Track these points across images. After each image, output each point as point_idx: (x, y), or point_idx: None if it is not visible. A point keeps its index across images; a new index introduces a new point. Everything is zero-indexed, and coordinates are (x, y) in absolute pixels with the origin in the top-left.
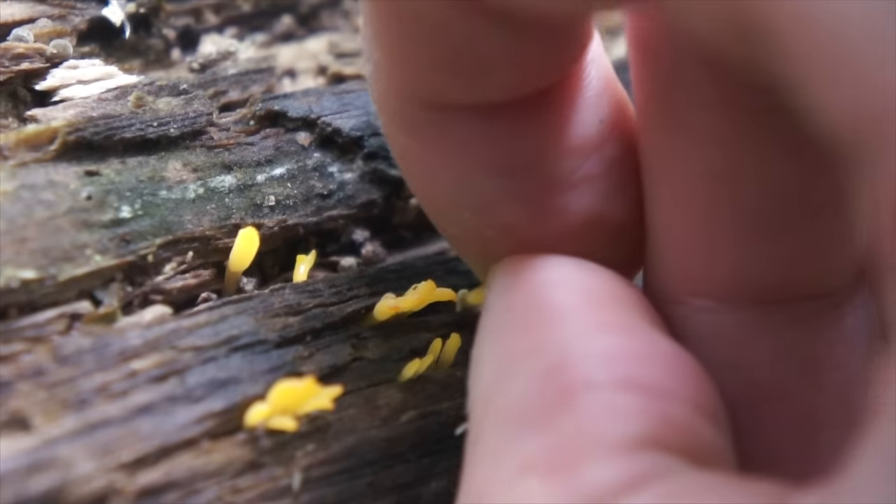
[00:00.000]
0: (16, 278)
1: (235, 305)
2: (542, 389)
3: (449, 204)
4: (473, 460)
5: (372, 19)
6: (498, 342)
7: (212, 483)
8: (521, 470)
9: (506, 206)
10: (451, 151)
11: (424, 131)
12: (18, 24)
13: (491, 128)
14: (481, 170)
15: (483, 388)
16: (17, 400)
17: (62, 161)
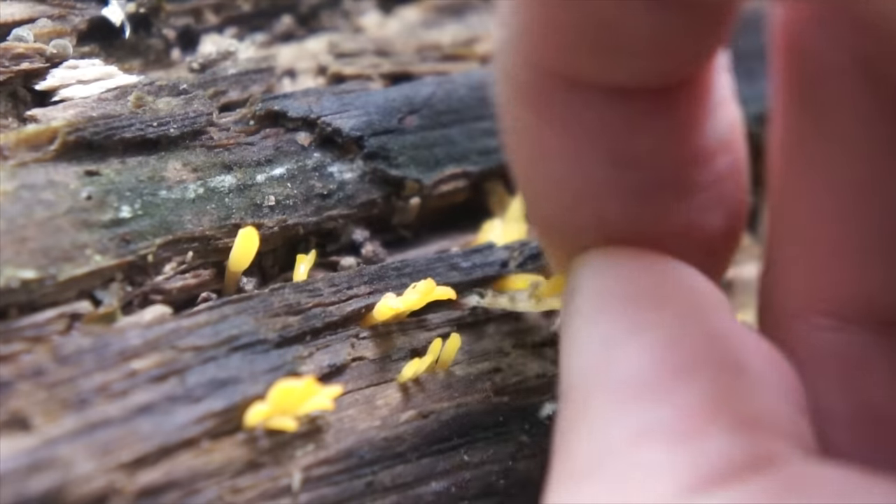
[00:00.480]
0: (16, 278)
1: (235, 305)
2: (658, 362)
3: (553, 185)
4: (579, 432)
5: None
6: (600, 321)
7: (212, 483)
8: (639, 436)
9: (612, 198)
10: (571, 132)
11: (550, 107)
12: (18, 24)
13: (617, 115)
14: (598, 156)
15: (586, 363)
16: (17, 400)
17: (62, 161)
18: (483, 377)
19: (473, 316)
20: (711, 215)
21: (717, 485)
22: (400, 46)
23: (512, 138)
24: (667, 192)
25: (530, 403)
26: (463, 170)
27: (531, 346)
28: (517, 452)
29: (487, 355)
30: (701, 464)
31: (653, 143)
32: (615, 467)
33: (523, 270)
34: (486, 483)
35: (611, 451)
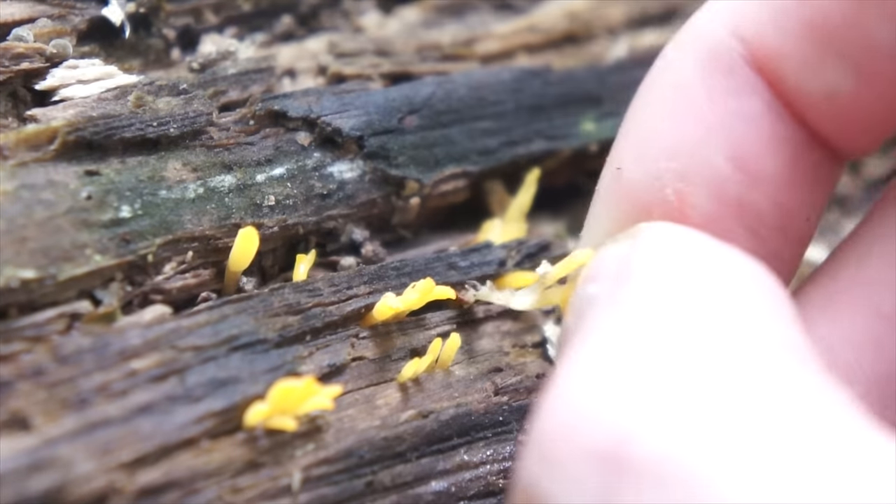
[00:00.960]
0: (16, 278)
1: (235, 305)
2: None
3: (672, 148)
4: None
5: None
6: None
7: (211, 482)
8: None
9: (710, 191)
10: (722, 112)
11: (727, 79)
12: (18, 24)
13: (782, 136)
14: (730, 152)
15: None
16: (17, 400)
17: (62, 161)
18: (483, 377)
19: (473, 315)
20: (783, 247)
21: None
22: (400, 46)
23: (658, 88)
24: (757, 218)
25: (530, 402)
26: (463, 170)
27: (531, 346)
28: (517, 452)
29: (487, 355)
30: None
31: (784, 182)
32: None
33: (521, 269)
34: (486, 483)
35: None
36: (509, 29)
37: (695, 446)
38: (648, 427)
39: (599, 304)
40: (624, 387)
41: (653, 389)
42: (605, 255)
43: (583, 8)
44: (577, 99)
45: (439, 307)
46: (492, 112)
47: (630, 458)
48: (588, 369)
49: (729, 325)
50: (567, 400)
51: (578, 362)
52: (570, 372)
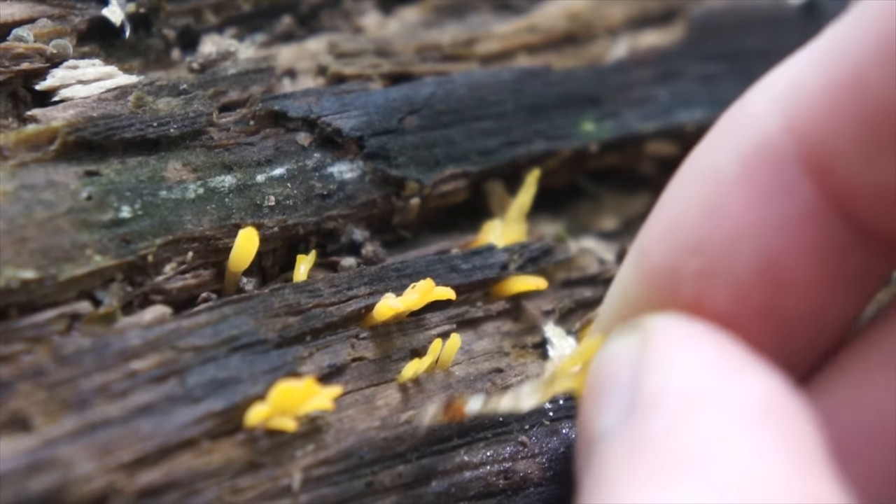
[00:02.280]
0: (16, 278)
1: (235, 305)
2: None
3: (697, 243)
4: (677, 434)
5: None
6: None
7: (212, 483)
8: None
9: (748, 293)
10: (787, 217)
11: (771, 177)
12: (18, 24)
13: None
14: (783, 253)
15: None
16: (17, 400)
17: (62, 161)
18: (483, 377)
19: (473, 316)
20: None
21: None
22: (400, 46)
23: (696, 173)
24: (784, 322)
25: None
26: (463, 170)
27: (531, 347)
28: (517, 452)
29: (487, 355)
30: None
31: (819, 295)
32: (733, 462)
33: (523, 273)
34: (485, 483)
35: (729, 450)
36: (509, 29)
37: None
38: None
39: (606, 449)
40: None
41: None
42: (612, 357)
43: (583, 8)
44: (577, 99)
45: (440, 308)
46: (492, 112)
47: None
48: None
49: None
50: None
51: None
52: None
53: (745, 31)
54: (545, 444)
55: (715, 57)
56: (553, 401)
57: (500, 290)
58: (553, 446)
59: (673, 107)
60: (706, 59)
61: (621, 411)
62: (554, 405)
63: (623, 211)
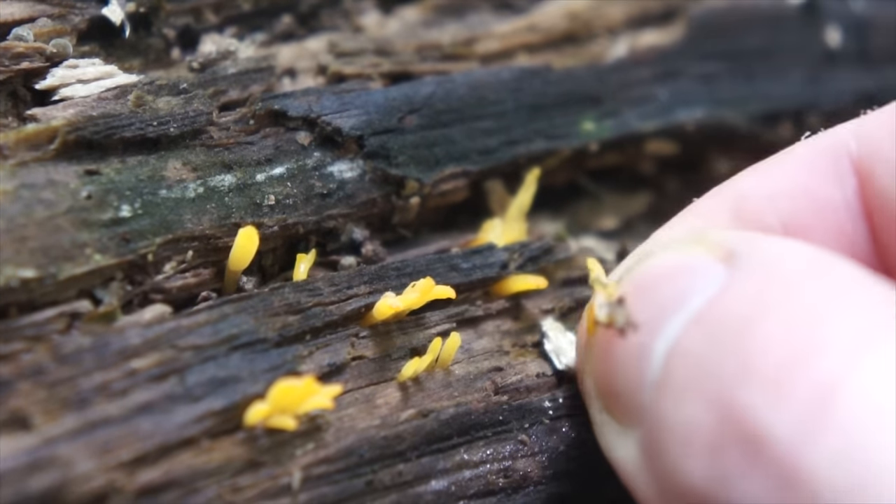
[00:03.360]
0: (16, 277)
1: (235, 304)
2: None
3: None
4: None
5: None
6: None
7: (211, 482)
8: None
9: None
10: (823, 196)
11: (841, 172)
12: (18, 24)
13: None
14: (807, 223)
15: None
16: (17, 399)
17: (62, 160)
18: (483, 376)
19: (473, 314)
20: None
21: None
22: (400, 46)
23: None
24: None
25: (530, 402)
26: (463, 169)
27: (531, 345)
28: (517, 452)
29: (487, 354)
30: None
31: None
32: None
33: (523, 272)
34: (485, 482)
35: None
36: (509, 29)
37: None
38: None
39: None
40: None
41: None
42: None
43: (583, 8)
44: (577, 99)
45: (440, 306)
46: (492, 112)
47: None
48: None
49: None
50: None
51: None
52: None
53: (745, 31)
54: (545, 443)
55: (715, 56)
56: (553, 399)
57: (500, 289)
58: (553, 444)
59: (673, 106)
60: (706, 59)
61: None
62: (554, 403)
63: (623, 210)
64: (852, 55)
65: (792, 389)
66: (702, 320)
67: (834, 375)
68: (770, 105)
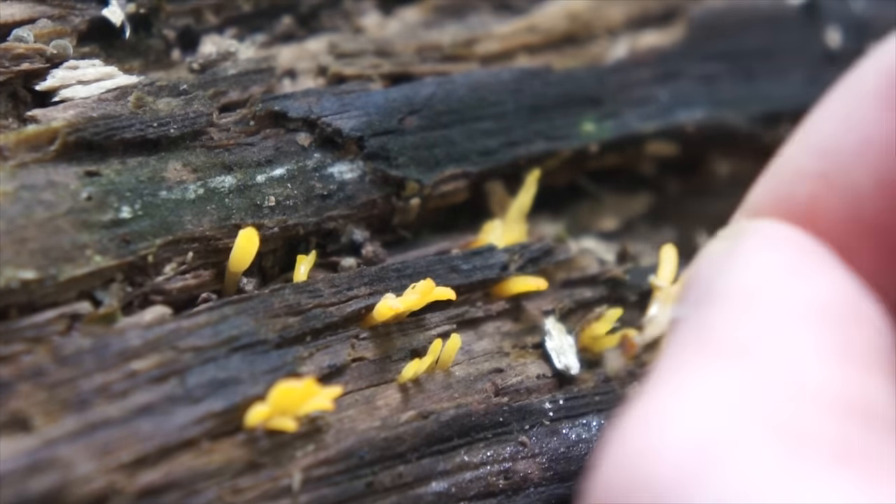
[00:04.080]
0: (16, 278)
1: (235, 306)
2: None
3: (825, 149)
4: (738, 324)
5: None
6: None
7: (212, 483)
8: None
9: (862, 204)
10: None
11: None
12: (18, 25)
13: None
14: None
15: (756, 279)
16: (17, 400)
17: (62, 161)
18: (483, 377)
19: (473, 316)
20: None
21: (856, 417)
22: (400, 47)
23: (839, 89)
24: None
25: (530, 403)
26: (463, 170)
27: (531, 347)
28: (517, 452)
29: (487, 355)
30: (853, 395)
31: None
32: (776, 354)
33: (523, 273)
34: (485, 483)
35: (775, 344)
36: (509, 29)
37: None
38: (697, 498)
39: (680, 333)
40: (681, 441)
41: (710, 448)
42: (704, 256)
43: (583, 8)
44: (577, 99)
45: (440, 308)
46: (492, 112)
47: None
48: (645, 420)
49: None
50: (622, 457)
51: (645, 401)
52: (637, 411)
53: (745, 31)
54: (545, 444)
55: (715, 57)
56: (553, 400)
57: (501, 291)
58: (553, 446)
59: (673, 107)
60: (706, 59)
61: (697, 302)
62: (554, 405)
63: (623, 211)
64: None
65: None
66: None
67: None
68: (770, 106)
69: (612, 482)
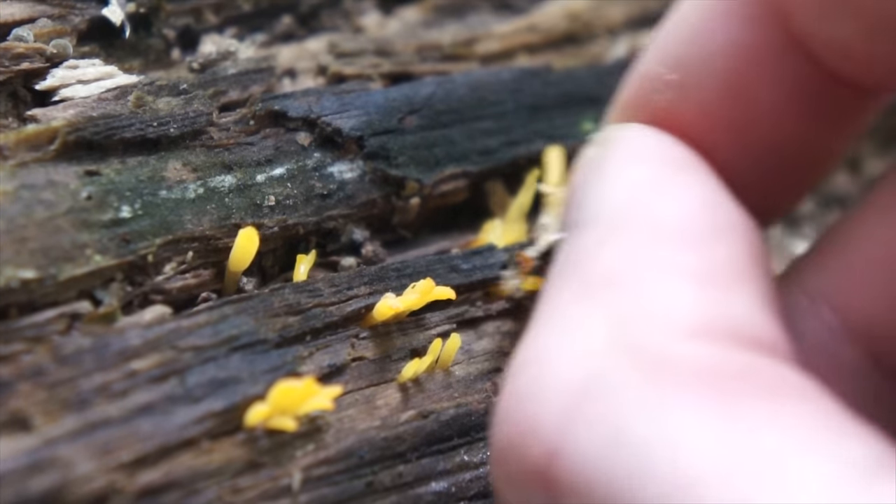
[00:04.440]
0: (16, 278)
1: (235, 305)
2: (697, 217)
3: (674, 60)
4: (603, 252)
5: None
6: (642, 168)
7: (212, 483)
8: (668, 270)
9: (718, 110)
10: (755, 43)
11: (761, 15)
12: (18, 24)
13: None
14: (751, 77)
15: (622, 199)
16: (17, 400)
17: (62, 161)
18: (483, 377)
19: (473, 315)
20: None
21: (717, 338)
22: (400, 46)
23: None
24: (757, 140)
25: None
26: (463, 170)
27: None
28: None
29: (487, 355)
30: (714, 314)
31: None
32: (638, 282)
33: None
34: (486, 483)
35: (637, 271)
36: (509, 29)
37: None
38: (576, 440)
39: (559, 261)
40: (557, 383)
41: (584, 387)
42: (578, 169)
43: (583, 8)
44: (577, 99)
45: (440, 307)
46: (492, 112)
47: (558, 479)
48: (526, 365)
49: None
50: (509, 406)
51: (528, 343)
52: (521, 354)
53: None
54: None
55: None
56: None
57: (501, 290)
58: None
59: None
60: None
61: (573, 223)
62: None
63: None
64: None
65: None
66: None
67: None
68: None
69: (505, 431)
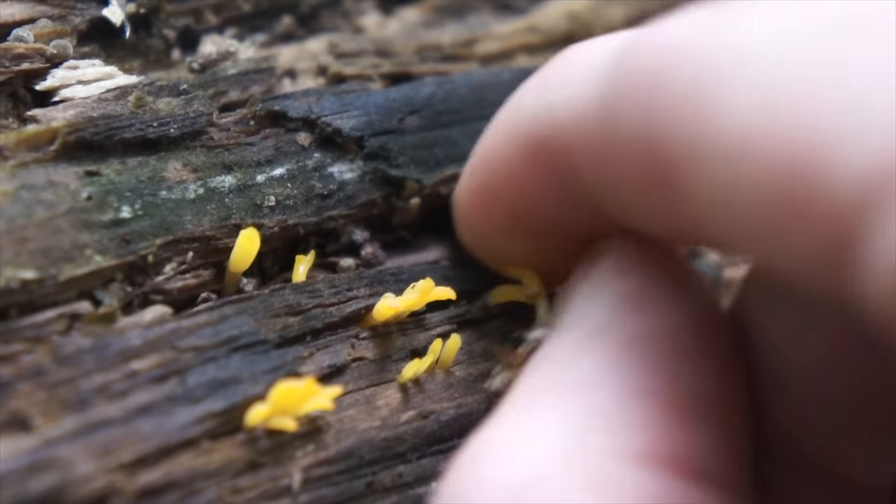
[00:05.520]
0: (16, 278)
1: (235, 305)
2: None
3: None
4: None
5: None
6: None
7: (212, 483)
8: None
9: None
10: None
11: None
12: (18, 25)
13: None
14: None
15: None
16: (17, 400)
17: (62, 161)
18: (483, 377)
19: (474, 316)
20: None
21: (667, 467)
22: (400, 47)
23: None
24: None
25: None
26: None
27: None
28: None
29: (488, 355)
30: (668, 443)
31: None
32: (601, 399)
33: None
34: None
35: (603, 387)
36: (509, 29)
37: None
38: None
39: (534, 359)
40: (499, 480)
41: (524, 488)
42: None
43: (583, 8)
44: None
45: (440, 307)
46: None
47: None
48: (475, 455)
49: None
50: (451, 493)
51: (486, 432)
52: (477, 441)
53: None
54: None
55: None
56: None
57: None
58: None
59: None
60: None
61: (555, 323)
62: None
63: None
64: None
65: None
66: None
67: None
68: None
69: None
